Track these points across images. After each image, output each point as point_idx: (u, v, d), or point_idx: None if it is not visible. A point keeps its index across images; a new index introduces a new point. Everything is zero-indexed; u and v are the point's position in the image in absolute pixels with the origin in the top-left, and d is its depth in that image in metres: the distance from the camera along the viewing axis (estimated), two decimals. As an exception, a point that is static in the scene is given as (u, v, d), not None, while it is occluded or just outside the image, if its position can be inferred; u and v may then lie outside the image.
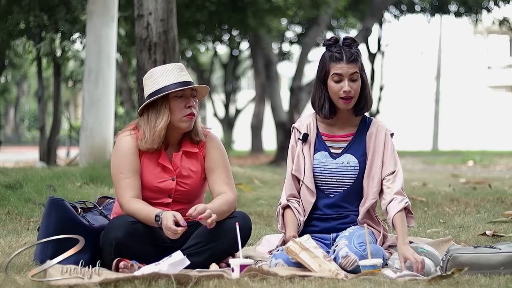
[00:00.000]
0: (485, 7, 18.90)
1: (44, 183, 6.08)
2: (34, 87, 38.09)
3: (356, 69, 3.45)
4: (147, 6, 6.53)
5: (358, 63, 3.47)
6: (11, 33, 12.62)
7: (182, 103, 3.43)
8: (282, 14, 15.08)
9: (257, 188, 7.93)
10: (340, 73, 3.43)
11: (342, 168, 3.51)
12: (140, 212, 3.33)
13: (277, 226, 3.63)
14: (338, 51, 3.46)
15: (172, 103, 3.43)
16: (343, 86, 3.43)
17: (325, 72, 3.48)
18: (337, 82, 3.45)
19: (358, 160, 3.51)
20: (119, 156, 3.46)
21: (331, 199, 3.53)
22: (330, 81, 3.46)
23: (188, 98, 3.45)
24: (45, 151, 12.21)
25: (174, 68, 3.49)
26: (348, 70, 3.43)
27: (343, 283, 2.95)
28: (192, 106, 3.45)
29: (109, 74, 8.95)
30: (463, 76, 34.72)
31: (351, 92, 3.44)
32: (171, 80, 3.43)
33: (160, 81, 3.45)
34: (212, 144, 3.57)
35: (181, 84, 3.43)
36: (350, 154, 3.53)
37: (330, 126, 3.57)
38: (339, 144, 3.53)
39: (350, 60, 3.44)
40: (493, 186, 7.70)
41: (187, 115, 3.44)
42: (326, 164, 3.51)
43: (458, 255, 3.14)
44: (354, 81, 3.45)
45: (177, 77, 3.45)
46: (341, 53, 3.45)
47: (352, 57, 3.45)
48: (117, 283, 2.87)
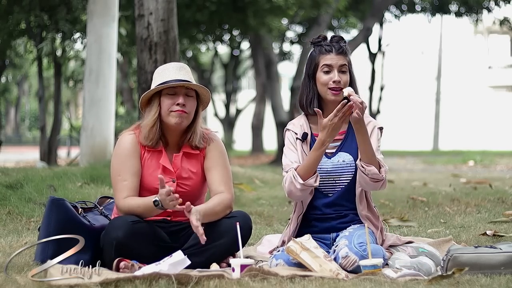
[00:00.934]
0: (486, 7, 18.89)
1: (44, 183, 6.08)
2: (35, 87, 38.10)
3: (345, 61, 3.48)
4: (147, 6, 6.54)
5: (347, 57, 3.51)
6: (11, 33, 12.63)
7: (172, 100, 3.44)
8: (283, 14, 15.08)
9: (258, 188, 7.94)
10: (329, 64, 3.47)
11: (338, 166, 3.51)
12: (137, 206, 3.33)
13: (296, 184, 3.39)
14: (327, 44, 3.52)
15: (163, 99, 3.45)
16: (332, 76, 3.45)
17: (315, 66, 3.51)
18: (326, 73, 3.47)
19: (353, 157, 3.51)
20: (119, 157, 3.47)
21: (330, 198, 3.52)
22: (319, 73, 3.49)
23: (180, 96, 3.44)
24: (46, 151, 12.22)
25: (173, 67, 3.50)
26: (337, 61, 3.47)
27: (343, 283, 2.95)
28: (180, 103, 3.43)
29: (109, 74, 8.95)
30: (464, 76, 34.71)
31: (340, 83, 3.45)
32: (166, 77, 3.45)
33: (158, 79, 3.48)
34: (213, 144, 3.57)
35: (175, 82, 3.44)
36: (345, 152, 3.52)
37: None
38: (332, 143, 3.51)
39: (339, 52, 3.49)
40: (494, 186, 7.70)
41: (175, 110, 3.43)
42: (322, 164, 3.49)
43: (458, 255, 3.14)
44: (343, 73, 3.47)
45: (174, 75, 3.45)
46: (331, 46, 3.51)
47: (341, 49, 3.49)
48: (118, 283, 2.87)
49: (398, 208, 5.92)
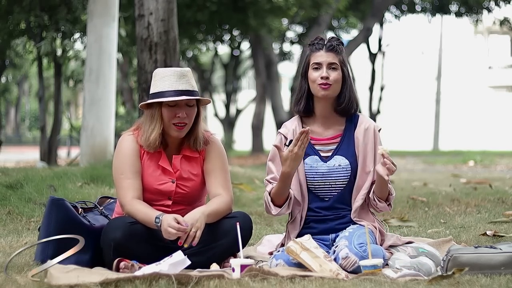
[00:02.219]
0: (486, 7, 18.91)
1: (44, 183, 6.08)
2: (35, 87, 38.09)
3: (335, 60, 3.48)
4: (147, 6, 6.53)
5: (339, 56, 3.50)
6: (11, 33, 12.62)
7: (172, 113, 3.42)
8: (283, 14, 15.09)
9: (258, 188, 7.92)
10: (319, 62, 3.48)
11: (334, 170, 3.49)
12: (140, 214, 3.34)
13: (270, 211, 3.49)
14: (319, 42, 3.54)
15: (164, 110, 3.44)
16: (321, 73, 3.46)
17: (307, 65, 3.53)
18: (316, 70, 3.48)
19: (349, 161, 3.49)
20: (120, 157, 3.48)
21: (327, 203, 3.51)
22: (310, 71, 3.50)
23: (180, 107, 3.42)
24: (46, 151, 12.21)
25: (173, 74, 3.44)
26: (326, 58, 3.48)
27: (343, 283, 2.95)
28: (182, 116, 3.42)
29: (109, 74, 8.95)
30: (464, 76, 34.70)
31: (328, 79, 3.45)
32: (166, 87, 3.41)
33: (159, 85, 3.45)
34: (212, 147, 3.57)
35: (174, 93, 3.40)
36: (341, 156, 3.50)
37: (316, 127, 3.54)
38: (328, 146, 3.51)
39: (329, 49, 3.49)
40: (494, 186, 7.70)
41: (175, 124, 3.43)
42: (317, 168, 3.49)
43: (458, 255, 3.14)
44: (333, 70, 3.48)
45: (174, 84, 3.42)
46: (321, 44, 3.52)
47: (332, 47, 3.49)
48: (118, 283, 2.87)
49: (398, 208, 5.91)
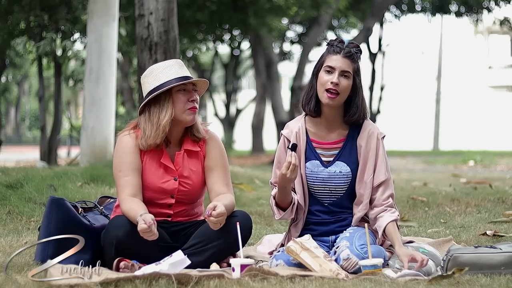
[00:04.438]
0: (486, 7, 18.89)
1: (45, 182, 6.08)
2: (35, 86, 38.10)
3: (349, 68, 3.38)
4: (148, 6, 6.53)
5: (354, 65, 3.40)
6: (11, 32, 12.61)
7: (185, 97, 3.45)
8: (283, 13, 15.08)
9: (258, 187, 7.92)
10: (332, 66, 3.37)
11: (334, 177, 3.45)
12: (129, 213, 3.31)
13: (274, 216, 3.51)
14: (338, 45, 3.43)
15: (175, 97, 3.45)
16: (332, 78, 3.36)
17: (320, 64, 3.43)
18: (327, 73, 3.38)
19: (350, 168, 3.45)
20: (119, 155, 3.48)
21: (326, 208, 3.50)
22: (321, 73, 3.40)
23: (191, 92, 3.48)
24: (46, 151, 12.20)
25: (174, 64, 3.51)
26: (341, 64, 3.37)
27: (343, 283, 2.95)
28: (195, 100, 3.47)
29: (110, 73, 8.95)
30: (464, 76, 34.70)
31: (338, 86, 3.35)
32: (172, 75, 3.45)
33: (162, 77, 3.45)
34: (212, 143, 3.58)
35: (183, 79, 3.45)
36: (342, 162, 3.46)
37: (319, 130, 3.49)
38: (330, 151, 3.47)
39: (346, 55, 3.38)
40: (494, 186, 7.70)
41: (190, 108, 3.45)
42: (318, 173, 3.46)
43: (458, 255, 3.14)
44: (345, 77, 3.38)
45: (179, 72, 3.47)
46: (341, 47, 3.41)
47: (349, 53, 3.39)
48: (118, 283, 2.87)
49: (398, 208, 5.84)
